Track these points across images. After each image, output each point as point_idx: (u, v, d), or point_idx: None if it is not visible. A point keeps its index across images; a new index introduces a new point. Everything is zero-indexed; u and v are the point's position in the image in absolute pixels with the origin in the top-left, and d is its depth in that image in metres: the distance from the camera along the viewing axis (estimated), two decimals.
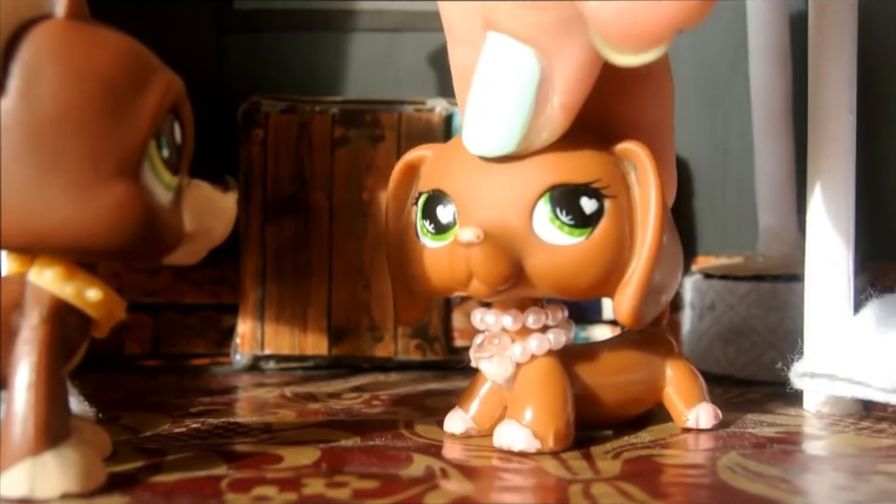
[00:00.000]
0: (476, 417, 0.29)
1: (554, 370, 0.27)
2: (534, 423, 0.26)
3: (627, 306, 0.25)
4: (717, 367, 0.47)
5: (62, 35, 0.19)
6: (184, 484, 0.22)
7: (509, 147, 0.24)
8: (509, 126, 0.24)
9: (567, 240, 0.25)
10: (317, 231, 0.49)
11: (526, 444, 0.26)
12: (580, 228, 0.25)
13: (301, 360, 0.49)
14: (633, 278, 0.25)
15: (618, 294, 0.26)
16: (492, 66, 0.24)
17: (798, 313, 0.36)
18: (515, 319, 0.27)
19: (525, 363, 0.27)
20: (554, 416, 0.27)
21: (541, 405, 0.27)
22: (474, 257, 0.24)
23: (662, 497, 0.21)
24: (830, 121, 0.34)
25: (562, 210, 0.24)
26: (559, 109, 0.24)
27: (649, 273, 0.25)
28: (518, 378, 0.28)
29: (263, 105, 0.50)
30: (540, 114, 0.24)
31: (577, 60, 0.23)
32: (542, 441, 0.26)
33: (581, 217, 0.25)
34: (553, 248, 0.25)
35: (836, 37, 0.34)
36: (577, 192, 0.25)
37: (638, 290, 0.25)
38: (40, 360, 0.20)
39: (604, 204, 0.25)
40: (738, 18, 0.54)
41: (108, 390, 0.41)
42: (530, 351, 0.27)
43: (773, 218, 0.51)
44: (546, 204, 0.25)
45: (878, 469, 0.25)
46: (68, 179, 0.19)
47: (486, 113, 0.24)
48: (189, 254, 0.23)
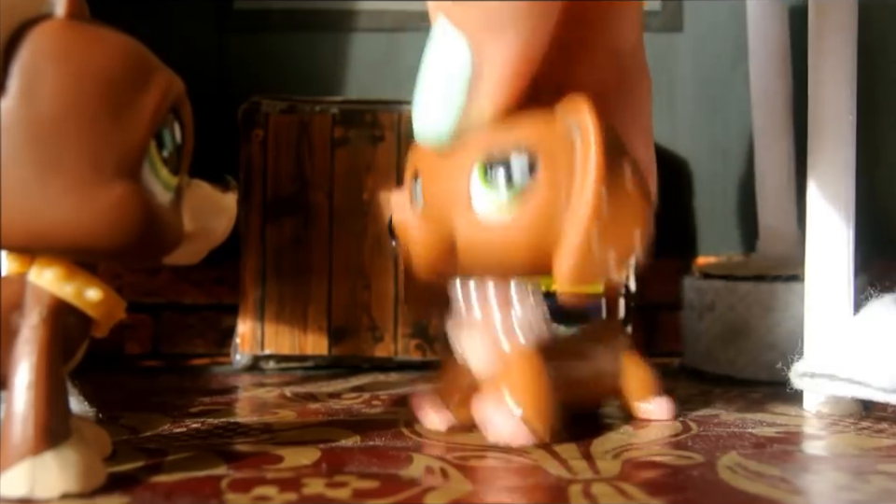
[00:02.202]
0: (455, 411, 0.30)
1: (537, 360, 0.28)
2: (527, 415, 0.27)
3: (563, 263, 0.24)
4: (717, 367, 0.47)
5: (62, 35, 0.19)
6: (184, 484, 0.22)
7: (442, 137, 0.25)
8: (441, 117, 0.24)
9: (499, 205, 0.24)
10: (317, 231, 0.49)
11: (518, 437, 0.27)
12: (508, 189, 0.24)
13: (301, 360, 0.49)
14: (567, 233, 0.24)
15: (555, 257, 0.24)
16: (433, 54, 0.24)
17: (798, 313, 0.36)
18: (503, 313, 0.27)
19: (510, 356, 0.28)
20: (545, 406, 0.27)
21: (532, 396, 0.27)
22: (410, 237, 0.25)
23: (662, 496, 0.21)
24: (830, 121, 0.34)
25: (492, 174, 0.24)
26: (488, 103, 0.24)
27: (585, 224, 0.24)
28: (504, 369, 0.28)
29: (263, 104, 0.50)
30: (471, 106, 0.24)
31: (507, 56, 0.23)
32: (535, 433, 0.27)
33: (509, 179, 0.24)
34: (487, 221, 0.24)
35: (836, 37, 0.34)
36: (506, 155, 0.24)
37: (573, 245, 0.24)
38: (40, 360, 0.20)
39: (537, 164, 0.24)
40: (738, 18, 0.54)
41: (108, 390, 0.41)
42: (517, 342, 0.28)
43: (773, 218, 0.51)
44: (479, 172, 0.24)
45: (878, 468, 0.25)
46: (68, 179, 0.19)
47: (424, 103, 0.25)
48: (190, 254, 0.23)
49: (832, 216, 0.34)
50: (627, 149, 0.26)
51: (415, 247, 0.25)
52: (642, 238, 0.25)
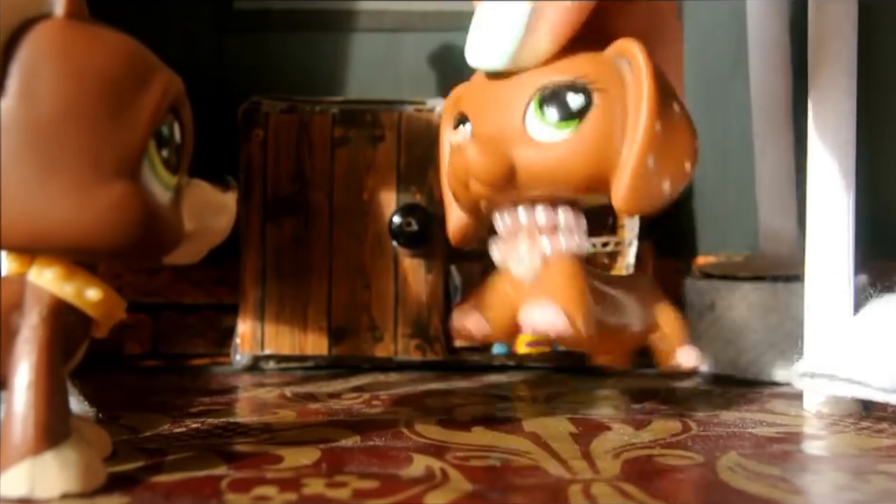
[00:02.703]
0: (490, 319, 0.30)
1: (579, 267, 0.28)
2: (565, 307, 0.27)
3: (622, 190, 0.26)
4: (717, 367, 0.47)
5: (61, 35, 0.19)
6: (184, 484, 0.22)
7: (499, 63, 0.27)
8: (500, 46, 0.27)
9: (556, 134, 0.27)
10: (317, 231, 0.49)
11: (555, 320, 0.27)
12: (565, 121, 0.26)
13: (301, 360, 0.49)
14: (625, 164, 0.26)
15: (613, 183, 0.27)
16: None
17: (798, 313, 0.36)
18: (547, 216, 0.28)
19: (553, 259, 0.28)
20: (583, 304, 0.28)
21: (571, 293, 0.28)
22: (467, 156, 0.26)
23: (662, 497, 0.21)
24: (830, 121, 0.34)
25: (548, 106, 0.27)
26: (546, 37, 0.26)
27: (641, 157, 0.26)
28: (545, 272, 0.28)
29: (263, 105, 0.50)
30: (530, 39, 0.26)
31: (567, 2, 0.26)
32: (572, 321, 0.27)
33: (566, 110, 0.26)
34: (544, 145, 0.27)
35: (836, 37, 0.34)
36: (563, 88, 0.27)
37: (631, 174, 0.26)
38: (40, 360, 0.20)
39: (592, 98, 0.27)
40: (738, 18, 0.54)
41: (108, 390, 0.41)
42: (559, 246, 0.28)
43: (773, 218, 0.51)
44: (535, 104, 0.27)
45: (878, 468, 0.25)
46: (67, 179, 0.19)
47: (483, 32, 0.27)
48: (190, 253, 0.23)
49: (832, 216, 0.34)
50: (674, 89, 0.28)
51: (478, 168, 0.26)
52: (692, 168, 0.29)
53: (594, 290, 0.29)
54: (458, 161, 0.27)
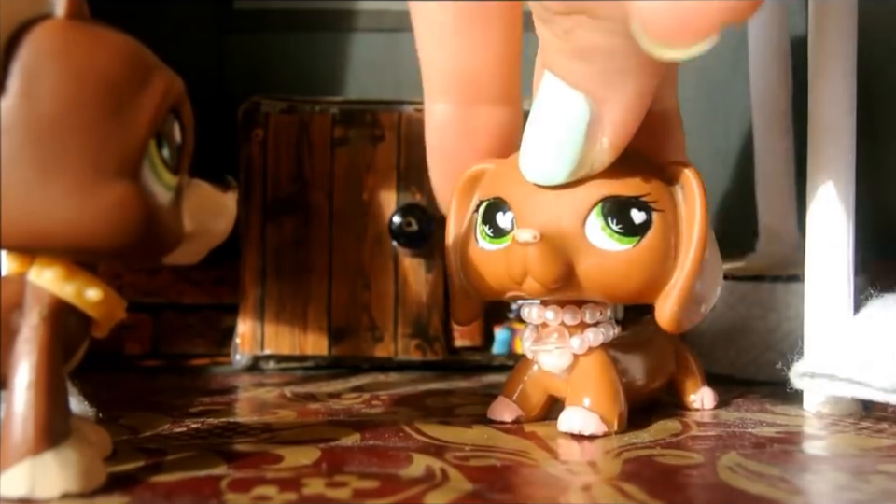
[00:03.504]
0: (523, 406, 0.31)
1: (608, 360, 0.30)
2: (599, 408, 0.29)
3: (669, 313, 0.28)
4: (717, 367, 0.47)
5: (62, 35, 0.19)
6: (184, 484, 0.22)
7: (559, 179, 0.27)
8: (560, 161, 0.27)
9: (617, 246, 0.27)
10: (317, 230, 0.49)
11: (596, 428, 0.29)
12: (629, 236, 0.27)
13: (301, 360, 0.49)
14: (675, 287, 0.28)
15: (660, 301, 0.28)
16: (546, 106, 0.26)
17: (798, 313, 0.36)
18: (574, 315, 0.30)
19: (582, 355, 0.30)
20: (616, 400, 0.29)
21: (603, 391, 0.29)
22: (531, 255, 0.27)
23: (662, 497, 0.21)
24: (830, 121, 0.34)
25: (613, 219, 0.27)
26: (607, 147, 0.26)
27: (690, 283, 0.28)
28: (577, 369, 0.30)
29: (263, 105, 0.50)
30: (590, 151, 0.26)
31: (625, 103, 0.25)
32: (608, 423, 0.29)
33: (630, 226, 0.27)
34: (604, 253, 0.27)
35: (836, 37, 0.34)
36: (627, 204, 0.27)
37: (680, 298, 0.28)
38: (40, 360, 0.20)
39: (652, 217, 0.27)
40: None
41: (108, 390, 0.41)
42: (588, 343, 0.30)
43: (773, 218, 0.51)
44: (599, 213, 0.27)
45: (879, 468, 0.25)
46: (68, 179, 0.19)
47: (540, 147, 0.27)
48: (190, 254, 0.23)
49: (832, 216, 0.34)
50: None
51: (542, 270, 0.27)
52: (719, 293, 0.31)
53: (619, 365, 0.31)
54: (518, 258, 0.27)
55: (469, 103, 0.30)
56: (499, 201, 0.29)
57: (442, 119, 0.31)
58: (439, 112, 0.31)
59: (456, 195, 0.31)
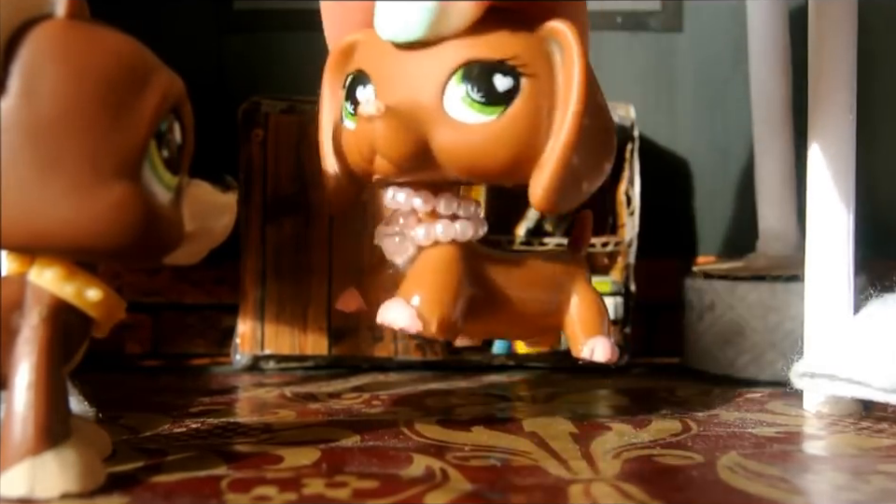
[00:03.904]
0: (368, 299, 0.29)
1: (454, 259, 0.27)
2: (421, 305, 0.25)
3: (541, 188, 0.25)
4: (717, 367, 0.47)
5: (62, 36, 0.19)
6: (184, 484, 0.22)
7: (416, 33, 0.24)
8: (418, 10, 0.24)
9: (478, 118, 0.24)
10: (317, 230, 0.49)
11: (408, 323, 0.25)
12: (491, 105, 0.24)
13: (301, 360, 0.49)
14: (549, 160, 0.24)
15: (533, 176, 0.25)
16: None
17: (798, 313, 0.36)
18: (426, 201, 0.27)
19: (427, 247, 0.27)
20: (442, 303, 0.26)
21: (431, 289, 0.26)
22: (377, 131, 0.24)
23: (662, 496, 0.21)
24: (830, 121, 0.34)
25: (473, 87, 0.24)
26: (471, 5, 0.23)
27: (567, 155, 0.24)
28: (416, 261, 0.27)
29: (263, 105, 0.50)
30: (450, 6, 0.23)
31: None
32: (426, 324, 0.25)
33: (492, 93, 0.24)
34: (464, 126, 0.24)
35: (836, 37, 0.34)
36: (491, 69, 0.24)
37: (554, 172, 0.24)
38: (40, 360, 0.20)
39: (520, 82, 0.24)
40: (738, 18, 0.54)
41: (108, 390, 0.41)
42: (434, 236, 0.27)
43: (773, 218, 0.51)
44: (458, 81, 0.24)
45: (878, 468, 0.25)
46: (68, 179, 0.19)
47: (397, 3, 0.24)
48: (190, 254, 0.23)
49: (832, 216, 0.34)
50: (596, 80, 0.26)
51: (389, 147, 0.24)
52: (609, 167, 0.26)
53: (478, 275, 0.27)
54: (365, 134, 0.24)
55: None
56: (361, 73, 0.26)
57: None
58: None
59: (327, 71, 0.28)
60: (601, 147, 0.26)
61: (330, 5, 0.28)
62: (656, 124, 0.59)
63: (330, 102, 0.28)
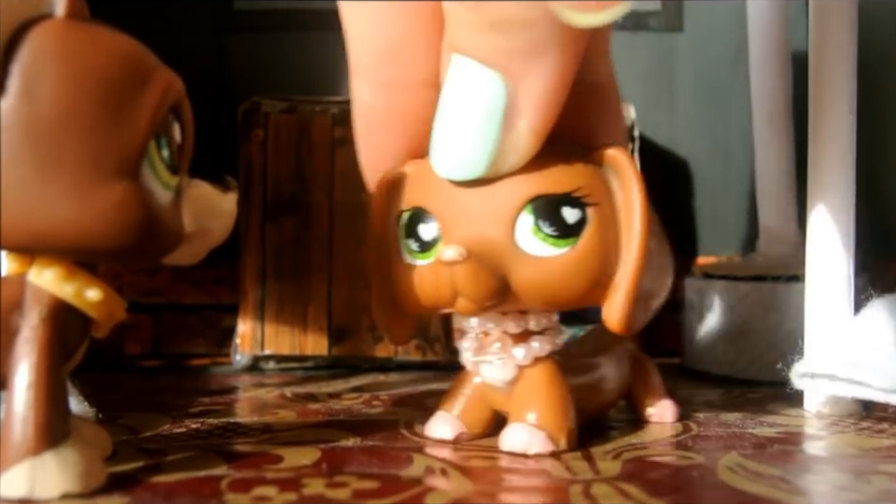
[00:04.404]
0: (465, 421, 0.29)
1: (557, 371, 0.27)
2: (546, 424, 0.26)
3: (617, 314, 0.25)
4: (717, 367, 0.47)
5: (61, 35, 0.19)
6: (184, 484, 0.22)
7: (476, 172, 0.24)
8: (475, 151, 0.24)
9: (552, 251, 0.24)
10: (317, 231, 0.49)
11: (542, 446, 0.26)
12: (563, 238, 0.24)
13: (300, 360, 0.49)
14: (621, 285, 0.25)
15: (607, 302, 0.25)
16: (457, 89, 0.23)
17: (798, 313, 0.36)
18: (517, 322, 0.27)
19: (528, 366, 0.27)
20: (565, 416, 0.27)
21: (551, 406, 0.27)
22: (458, 275, 0.24)
23: (662, 497, 0.21)
24: (830, 121, 0.34)
25: (544, 221, 0.24)
26: (527, 132, 0.24)
27: (636, 278, 0.25)
28: (521, 381, 0.27)
29: (263, 105, 0.50)
30: (508, 138, 0.23)
31: (544, 83, 0.23)
32: (556, 441, 0.26)
33: (563, 227, 0.24)
34: (538, 260, 0.24)
35: (836, 37, 0.34)
36: (558, 202, 0.24)
37: (627, 297, 0.25)
38: (40, 360, 0.20)
39: (586, 213, 0.25)
40: (738, 18, 0.54)
41: (108, 390, 0.41)
42: (533, 353, 0.27)
43: (773, 218, 0.51)
44: (528, 217, 0.24)
45: (879, 469, 0.25)
46: (68, 179, 0.19)
47: (452, 137, 0.24)
48: (189, 254, 0.23)
49: (832, 216, 0.34)
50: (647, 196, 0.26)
51: (473, 290, 0.24)
52: (671, 283, 0.28)
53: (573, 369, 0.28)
54: (445, 278, 0.24)
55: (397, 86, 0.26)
56: (420, 210, 0.26)
57: (370, 103, 0.27)
58: (365, 95, 0.27)
59: (373, 204, 0.28)
60: (664, 266, 0.27)
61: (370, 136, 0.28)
62: (656, 124, 0.59)
63: (380, 237, 0.28)
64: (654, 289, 0.27)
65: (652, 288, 0.27)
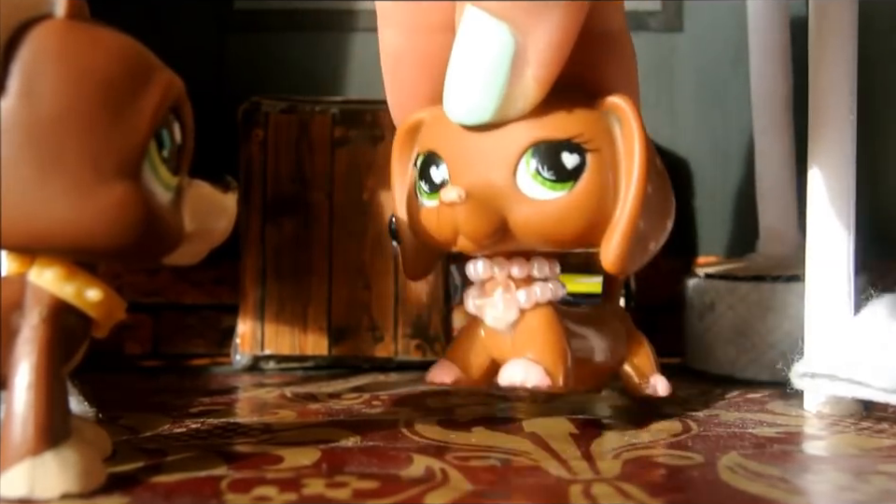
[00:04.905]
0: (465, 367, 0.30)
1: (556, 316, 0.28)
2: (544, 360, 0.27)
3: (613, 253, 0.26)
4: (717, 367, 0.47)
5: (61, 36, 0.19)
6: (184, 484, 0.22)
7: (484, 117, 0.25)
8: (483, 97, 0.25)
9: (550, 194, 0.26)
10: (317, 231, 0.49)
11: (539, 379, 0.26)
12: (561, 182, 0.26)
13: (300, 360, 0.49)
14: (618, 226, 0.26)
15: (604, 242, 0.26)
16: (468, 39, 0.25)
17: (798, 313, 0.36)
18: (521, 268, 0.28)
19: (529, 309, 0.28)
20: (563, 356, 0.27)
21: (550, 346, 0.27)
22: (459, 215, 0.25)
23: (662, 496, 0.21)
24: (830, 121, 0.34)
25: (543, 165, 0.25)
26: (533, 82, 0.25)
27: (633, 220, 0.26)
28: (522, 323, 0.28)
29: (263, 105, 0.50)
30: (515, 86, 0.25)
31: (551, 35, 0.24)
32: (553, 377, 0.27)
33: (562, 171, 0.25)
34: (537, 202, 0.26)
35: (836, 37, 0.34)
36: (558, 148, 0.25)
37: (623, 237, 0.26)
38: (40, 360, 0.20)
39: (586, 158, 0.26)
40: (738, 18, 0.54)
41: (108, 390, 0.41)
42: (535, 297, 0.28)
43: (773, 218, 0.51)
44: (528, 161, 0.26)
45: (879, 469, 0.25)
46: (68, 179, 0.19)
47: (463, 84, 0.25)
48: (190, 254, 0.23)
49: (832, 216, 0.34)
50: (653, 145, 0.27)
51: (473, 229, 0.25)
52: (670, 227, 0.28)
53: (568, 333, 0.29)
54: (447, 217, 0.26)
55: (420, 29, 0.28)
56: (433, 154, 0.27)
57: (395, 47, 0.28)
58: (390, 39, 0.28)
59: (395, 148, 0.30)
60: (663, 210, 0.28)
61: (397, 79, 0.29)
62: (656, 124, 0.59)
63: (401, 177, 0.30)
64: (652, 232, 0.27)
65: (649, 231, 0.27)
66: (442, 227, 0.26)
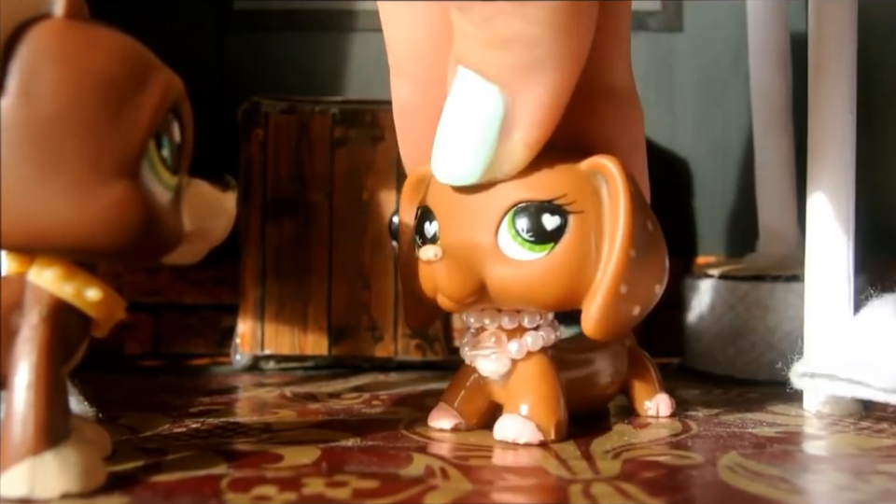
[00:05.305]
0: (463, 412, 0.30)
1: (548, 365, 0.29)
2: (536, 416, 0.28)
3: (593, 318, 0.26)
4: (717, 367, 0.47)
5: (61, 35, 0.19)
6: (184, 484, 0.22)
7: (470, 179, 0.25)
8: (471, 159, 0.25)
9: (529, 255, 0.26)
10: (317, 231, 0.49)
11: (531, 436, 0.27)
12: (541, 243, 0.25)
13: (301, 360, 0.49)
14: (598, 290, 0.26)
15: (585, 305, 0.26)
16: (458, 100, 0.25)
17: (798, 313, 0.36)
18: (512, 318, 0.28)
19: (521, 360, 0.28)
20: (555, 409, 0.28)
21: (541, 399, 0.28)
22: (436, 273, 0.26)
23: (661, 496, 0.21)
24: (830, 121, 0.34)
25: (523, 227, 0.25)
26: (521, 145, 0.25)
27: (615, 285, 0.26)
28: (514, 374, 0.29)
29: (263, 105, 0.50)
30: (502, 149, 0.25)
31: (541, 99, 0.24)
32: (545, 432, 0.27)
33: (541, 232, 0.25)
34: (516, 263, 0.26)
35: (836, 37, 0.34)
36: (539, 209, 0.25)
37: (604, 302, 0.26)
38: (40, 360, 0.20)
39: (568, 220, 0.26)
40: (738, 18, 0.54)
41: (108, 390, 0.41)
42: (526, 348, 0.28)
43: (773, 218, 0.51)
44: (510, 221, 0.26)
45: (878, 468, 0.25)
46: (67, 179, 0.19)
47: (451, 145, 0.25)
48: (189, 254, 0.23)
49: (832, 216, 0.34)
50: (648, 205, 0.27)
51: (448, 289, 0.26)
52: (661, 290, 0.28)
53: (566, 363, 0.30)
54: (428, 275, 0.26)
55: (432, 82, 0.28)
56: (427, 209, 0.28)
57: (408, 100, 0.29)
58: (403, 91, 0.29)
59: (403, 198, 0.30)
60: (651, 274, 0.27)
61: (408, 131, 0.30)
62: (656, 124, 0.60)
63: (407, 227, 0.30)
64: (637, 297, 0.27)
65: (635, 296, 0.27)
66: (425, 283, 0.27)
